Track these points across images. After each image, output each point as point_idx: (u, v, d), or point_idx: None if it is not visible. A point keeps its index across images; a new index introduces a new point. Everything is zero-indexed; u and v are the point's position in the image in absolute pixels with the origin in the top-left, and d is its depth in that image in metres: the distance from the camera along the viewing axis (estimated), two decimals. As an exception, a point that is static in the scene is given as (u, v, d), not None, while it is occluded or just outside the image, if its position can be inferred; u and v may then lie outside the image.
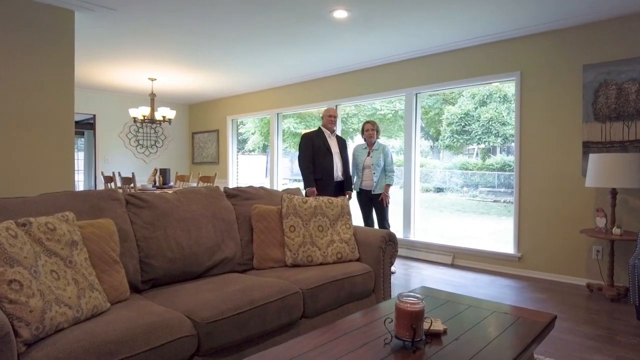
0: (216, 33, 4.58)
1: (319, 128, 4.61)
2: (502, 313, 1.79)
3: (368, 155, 4.69)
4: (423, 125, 15.84)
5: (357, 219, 4.93)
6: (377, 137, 4.74)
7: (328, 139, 4.53)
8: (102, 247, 2.02)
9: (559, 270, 4.23)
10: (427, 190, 14.78)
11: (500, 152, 14.78)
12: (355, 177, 4.79)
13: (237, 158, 8.54)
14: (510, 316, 1.75)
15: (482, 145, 13.77)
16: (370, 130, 4.69)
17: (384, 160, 4.64)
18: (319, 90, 6.50)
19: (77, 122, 11.75)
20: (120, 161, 8.50)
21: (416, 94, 5.34)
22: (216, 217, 2.66)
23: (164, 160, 9.12)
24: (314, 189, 4.37)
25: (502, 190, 13.23)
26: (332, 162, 4.47)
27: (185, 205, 2.58)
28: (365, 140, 4.78)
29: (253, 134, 13.54)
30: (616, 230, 3.58)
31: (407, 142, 5.44)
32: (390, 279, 2.90)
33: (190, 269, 2.43)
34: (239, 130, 15.05)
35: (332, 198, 2.99)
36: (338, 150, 4.57)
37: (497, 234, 8.83)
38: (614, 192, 3.68)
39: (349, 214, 2.98)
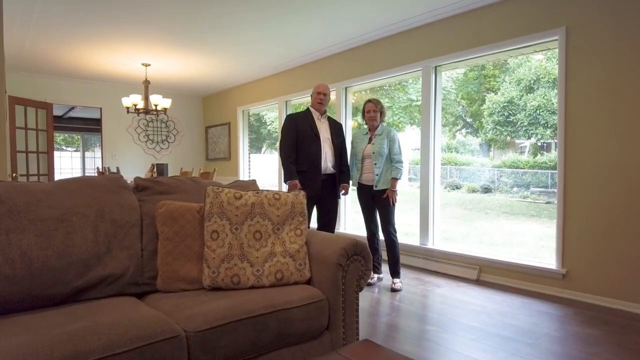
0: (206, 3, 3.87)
1: (307, 109, 3.76)
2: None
3: (369, 142, 3.78)
4: (469, 119, 14.55)
5: (359, 220, 4.04)
6: (382, 120, 3.82)
7: (317, 121, 3.67)
8: None
9: (617, 295, 3.13)
10: (473, 191, 13.60)
11: (555, 149, 13.27)
12: (354, 169, 3.89)
13: (249, 154, 7.81)
14: None
15: (533, 140, 12.35)
16: (372, 112, 3.77)
17: (389, 147, 3.71)
18: (325, 71, 5.64)
19: (94, 120, 11.54)
20: (129, 157, 8.04)
21: (435, 67, 4.34)
22: (103, 218, 1.89)
23: (176, 157, 8.59)
24: (296, 182, 3.52)
25: (556, 190, 11.85)
26: (320, 151, 3.60)
27: (56, 199, 1.83)
28: (366, 123, 3.87)
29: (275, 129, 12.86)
30: None
31: (424, 129, 4.46)
32: (357, 311, 2.01)
33: (43, 292, 1.67)
34: (271, 127, 14.45)
35: (280, 193, 2.15)
36: (329, 136, 3.69)
37: (547, 239, 7.66)
38: (703, 188, 2.58)
39: (302, 214, 2.12)
